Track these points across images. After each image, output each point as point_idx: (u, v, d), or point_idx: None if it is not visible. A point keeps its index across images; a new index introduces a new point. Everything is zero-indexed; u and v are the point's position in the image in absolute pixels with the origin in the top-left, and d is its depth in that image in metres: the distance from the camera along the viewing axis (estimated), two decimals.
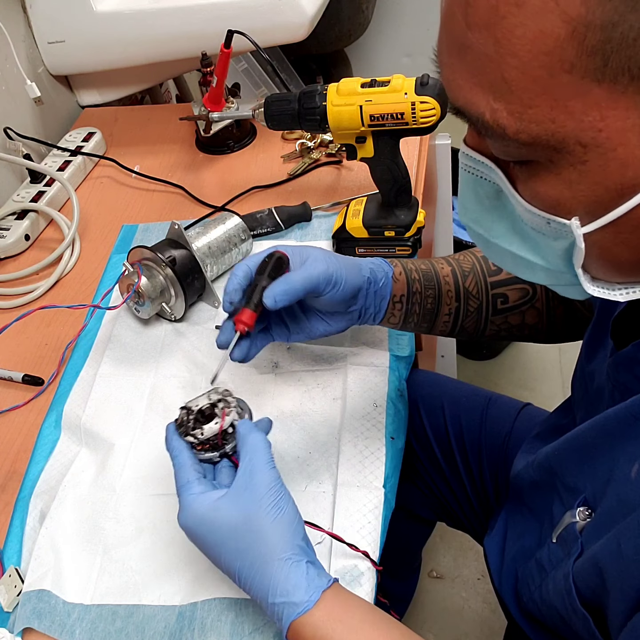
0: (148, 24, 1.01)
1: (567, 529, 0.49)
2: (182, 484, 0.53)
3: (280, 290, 0.57)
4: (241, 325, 0.57)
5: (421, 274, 0.67)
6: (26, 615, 0.58)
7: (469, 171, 0.44)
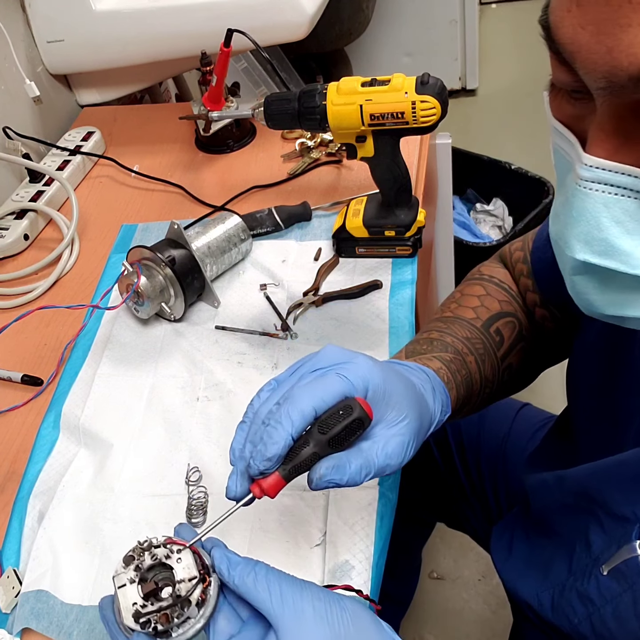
0: (147, 22, 1.01)
1: (626, 563, 0.47)
2: None
3: (338, 479, 0.43)
4: (258, 491, 0.44)
5: (464, 386, 0.59)
6: (24, 616, 0.58)
7: (602, 190, 0.36)
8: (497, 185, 1.72)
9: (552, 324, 0.65)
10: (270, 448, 0.42)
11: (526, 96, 2.37)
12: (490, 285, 0.67)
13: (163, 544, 0.45)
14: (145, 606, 0.43)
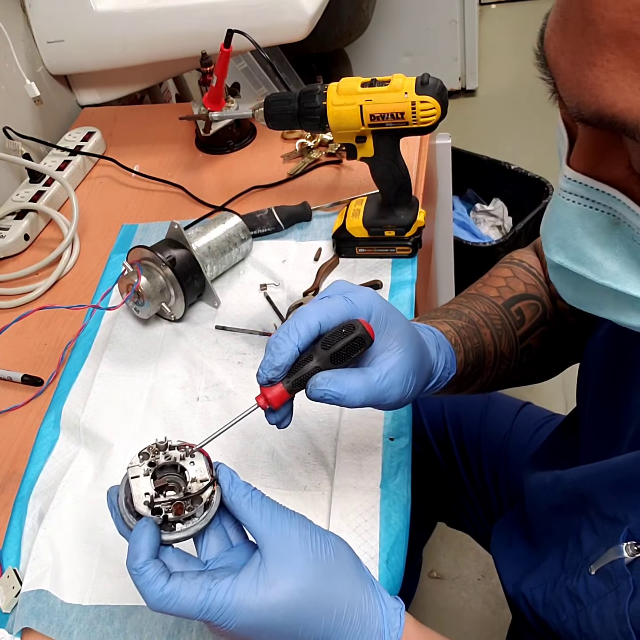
0: (148, 23, 1.01)
1: (612, 565, 0.47)
2: (205, 587, 0.41)
3: (336, 393, 0.45)
4: (262, 401, 0.46)
5: (474, 353, 0.59)
6: (25, 615, 0.58)
7: (577, 202, 0.37)
8: (497, 185, 1.72)
9: (572, 318, 0.66)
10: (277, 358, 0.44)
11: (526, 96, 2.36)
12: (519, 269, 0.68)
13: (178, 447, 0.47)
14: (157, 496, 0.45)
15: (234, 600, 0.41)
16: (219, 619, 0.42)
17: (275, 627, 0.42)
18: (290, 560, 0.42)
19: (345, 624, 0.43)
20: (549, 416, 0.87)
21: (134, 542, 0.43)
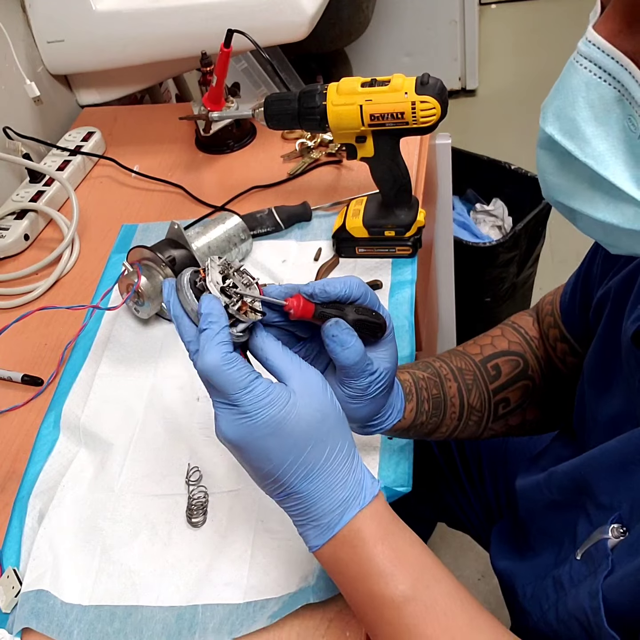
0: (147, 23, 1.01)
1: (596, 545, 0.48)
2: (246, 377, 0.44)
3: (344, 340, 0.48)
4: (291, 302, 0.48)
5: (431, 404, 0.61)
6: (24, 615, 0.58)
7: (589, 69, 0.37)
8: (497, 185, 1.72)
9: (572, 358, 0.66)
10: (329, 287, 0.49)
11: (526, 96, 2.37)
12: (508, 329, 0.70)
13: (245, 272, 0.49)
14: (228, 288, 0.47)
15: (273, 394, 0.44)
16: (255, 404, 0.44)
17: (292, 434, 0.44)
18: (315, 392, 0.46)
19: (339, 465, 0.46)
20: None
21: (210, 307, 0.45)
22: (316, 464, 0.45)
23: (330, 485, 0.46)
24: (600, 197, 0.40)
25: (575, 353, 0.66)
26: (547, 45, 2.56)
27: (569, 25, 2.62)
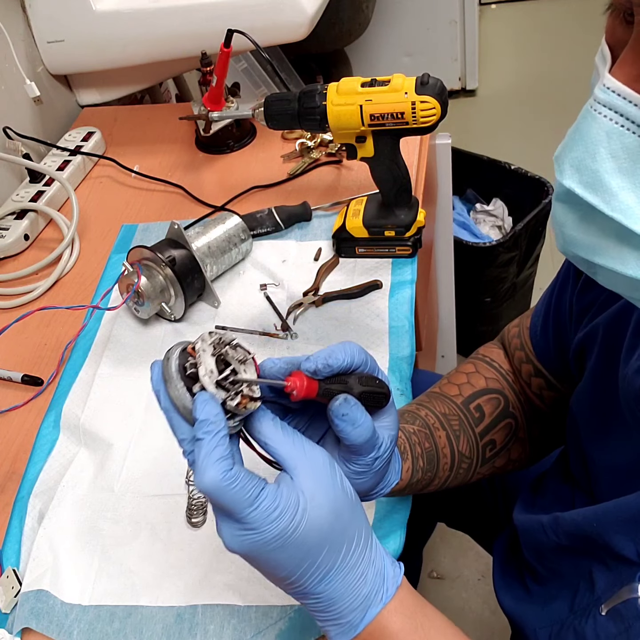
0: (147, 23, 1.01)
1: (625, 604, 0.45)
2: (251, 494, 0.40)
3: (354, 418, 0.44)
4: (292, 383, 0.44)
5: (425, 458, 0.59)
6: (24, 615, 0.58)
7: (609, 117, 0.35)
8: (497, 185, 1.72)
9: (549, 392, 0.65)
10: (330, 360, 0.45)
11: (526, 96, 2.37)
12: (481, 364, 0.68)
13: (240, 348, 0.45)
14: (224, 380, 0.42)
15: (280, 506, 0.40)
16: (262, 522, 0.40)
17: (305, 544, 0.41)
18: (324, 483, 0.42)
19: (357, 560, 0.43)
20: None
21: (207, 412, 0.40)
22: (334, 565, 0.42)
23: (349, 583, 0.42)
24: (629, 252, 0.37)
25: (551, 387, 0.65)
26: (547, 46, 2.56)
27: (569, 25, 2.63)
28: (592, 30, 2.89)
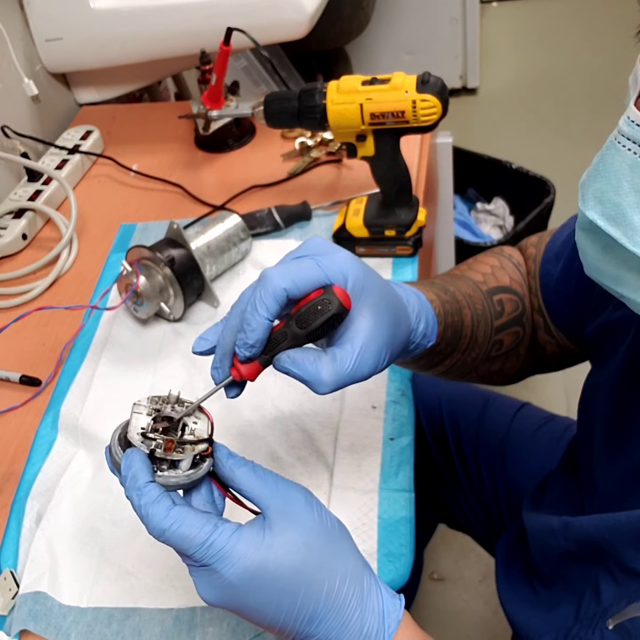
0: (146, 21, 1.00)
1: (632, 621, 0.44)
2: (204, 531, 0.39)
3: (299, 375, 0.43)
4: (236, 373, 0.45)
5: (451, 331, 0.56)
6: (22, 617, 0.57)
7: (634, 151, 0.34)
8: (498, 184, 1.72)
9: (544, 334, 0.64)
10: (250, 335, 0.43)
11: (527, 95, 2.36)
12: (507, 261, 0.65)
13: (186, 404, 0.46)
14: (152, 432, 0.44)
15: (240, 543, 0.39)
16: (220, 559, 0.39)
17: (277, 582, 0.39)
18: (296, 518, 0.41)
19: (346, 597, 0.41)
20: (548, 417, 0.86)
21: (128, 467, 0.41)
22: (317, 605, 0.40)
23: (343, 621, 0.41)
24: None
25: (548, 331, 0.63)
26: (549, 44, 2.56)
27: (570, 23, 2.62)
28: (593, 28, 2.89)
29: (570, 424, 0.84)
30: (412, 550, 0.59)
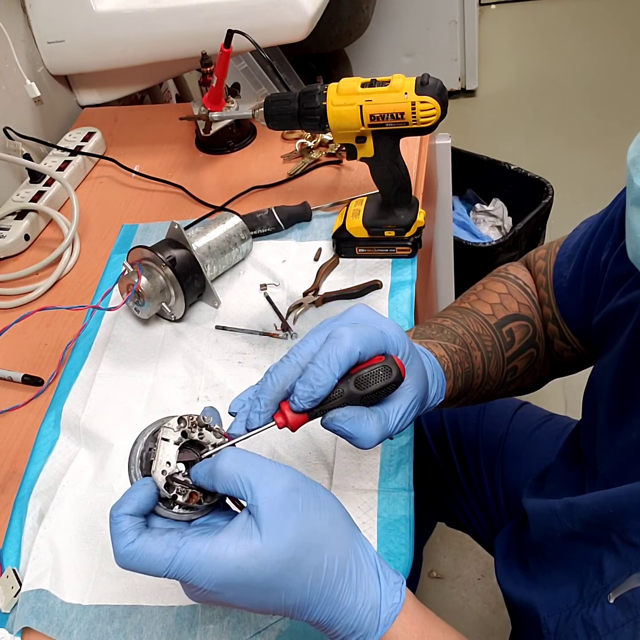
0: (148, 23, 1.01)
1: (633, 592, 0.45)
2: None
3: (349, 433, 0.44)
4: (282, 422, 0.45)
5: (463, 379, 0.59)
6: (24, 615, 0.58)
7: None
8: (497, 185, 1.72)
9: (560, 342, 0.65)
10: (317, 390, 0.43)
11: (525, 96, 2.37)
12: (513, 286, 0.67)
13: (214, 430, 0.46)
14: (178, 474, 0.43)
15: (214, 549, 0.39)
16: (193, 578, 0.40)
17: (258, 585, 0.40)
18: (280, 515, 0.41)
19: (334, 591, 0.41)
20: (547, 416, 0.87)
21: (127, 493, 0.42)
22: (304, 598, 0.41)
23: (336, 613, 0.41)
24: None
25: (563, 338, 0.64)
26: (547, 46, 2.56)
27: (568, 25, 2.63)
28: (591, 30, 2.89)
29: (569, 423, 0.85)
30: (412, 549, 0.59)
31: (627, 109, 2.20)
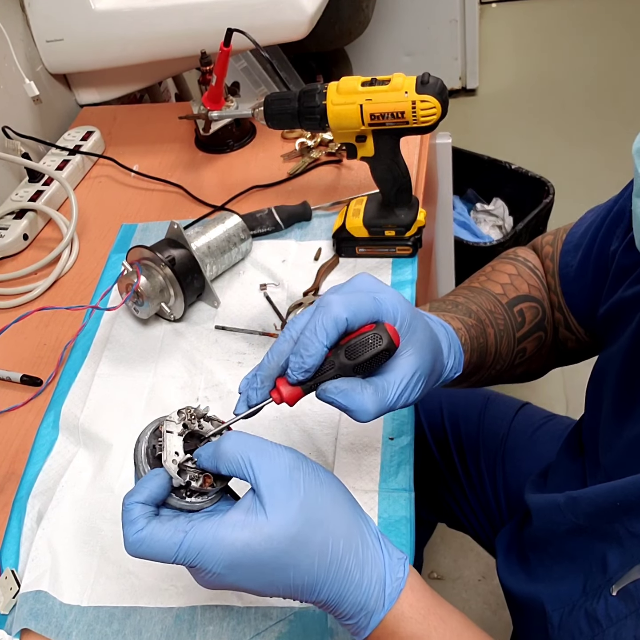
0: (147, 22, 1.00)
1: (636, 584, 0.45)
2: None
3: (344, 405, 0.44)
4: (277, 396, 0.45)
5: (477, 354, 0.58)
6: (23, 616, 0.57)
7: None
8: (497, 185, 1.72)
9: (565, 330, 0.65)
10: (307, 360, 0.43)
11: (526, 96, 2.37)
12: (523, 268, 0.67)
13: (212, 420, 0.47)
14: (187, 461, 0.44)
15: (220, 531, 0.40)
16: (202, 560, 0.40)
17: (265, 565, 0.40)
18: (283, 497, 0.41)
19: (340, 567, 0.42)
20: (548, 417, 0.86)
21: (140, 482, 0.43)
22: (312, 577, 0.41)
23: (342, 590, 0.42)
24: None
25: (568, 327, 0.64)
26: (548, 45, 2.56)
27: (569, 24, 2.62)
28: (591, 29, 2.89)
29: (570, 423, 0.84)
30: (412, 550, 0.59)
31: (627, 109, 2.20)
